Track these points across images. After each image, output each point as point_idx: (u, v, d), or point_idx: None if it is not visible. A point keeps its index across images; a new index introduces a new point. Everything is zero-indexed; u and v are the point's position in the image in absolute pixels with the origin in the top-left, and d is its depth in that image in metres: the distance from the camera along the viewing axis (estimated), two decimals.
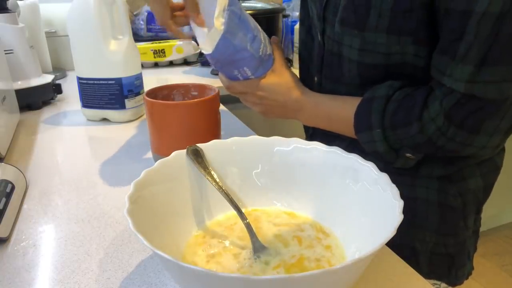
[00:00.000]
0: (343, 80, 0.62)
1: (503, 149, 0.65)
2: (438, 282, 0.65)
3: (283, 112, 0.67)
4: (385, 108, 0.54)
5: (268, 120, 1.35)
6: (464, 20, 0.46)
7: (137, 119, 0.93)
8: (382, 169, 0.43)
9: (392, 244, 0.58)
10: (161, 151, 0.64)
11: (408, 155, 0.56)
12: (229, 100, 1.24)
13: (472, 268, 0.70)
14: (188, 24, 0.62)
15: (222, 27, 0.56)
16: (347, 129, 0.59)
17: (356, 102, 0.58)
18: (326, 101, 0.63)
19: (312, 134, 0.77)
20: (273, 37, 0.67)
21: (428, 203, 0.60)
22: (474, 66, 0.47)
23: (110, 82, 0.87)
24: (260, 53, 0.61)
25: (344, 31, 0.57)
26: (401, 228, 0.61)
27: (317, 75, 0.68)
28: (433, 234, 0.62)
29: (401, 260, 0.47)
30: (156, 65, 1.44)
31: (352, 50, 0.57)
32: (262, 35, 0.63)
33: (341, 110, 0.61)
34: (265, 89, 0.64)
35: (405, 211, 0.61)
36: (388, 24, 0.52)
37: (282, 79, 0.65)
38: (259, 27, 0.63)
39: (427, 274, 0.63)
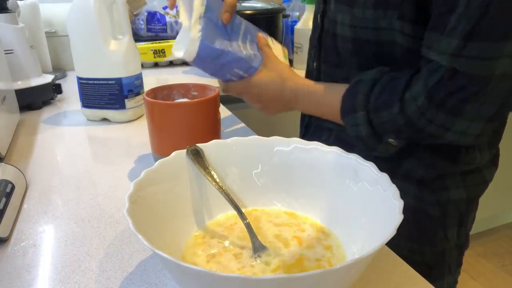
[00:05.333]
0: (340, 63, 0.63)
1: (494, 164, 0.64)
2: None
3: (282, 105, 0.66)
4: (370, 90, 0.54)
5: (268, 120, 1.36)
6: None
7: (137, 119, 0.93)
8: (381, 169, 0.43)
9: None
10: (161, 151, 0.64)
11: (390, 140, 0.55)
12: (229, 100, 1.24)
13: (456, 283, 0.69)
14: None
15: (199, 34, 0.58)
16: (336, 114, 0.59)
17: (345, 88, 0.58)
18: (318, 88, 0.62)
19: (307, 125, 0.78)
20: (258, 34, 0.67)
21: (404, 208, 0.60)
22: (461, 39, 0.46)
23: (110, 82, 0.87)
24: (245, 52, 0.62)
25: (337, 8, 0.58)
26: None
27: (316, 61, 0.69)
28: (407, 241, 0.61)
29: (401, 260, 0.47)
30: (156, 65, 1.44)
31: (344, 27, 0.58)
32: (245, 34, 0.64)
33: (331, 95, 0.60)
34: (260, 86, 0.64)
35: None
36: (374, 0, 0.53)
37: (275, 72, 0.64)
38: (243, 26, 0.65)
39: None
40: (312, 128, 0.76)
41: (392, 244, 0.60)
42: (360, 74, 0.57)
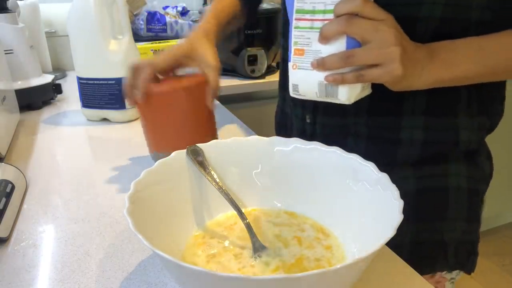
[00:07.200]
0: None
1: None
2: (454, 273, 0.64)
3: (417, 57, 0.47)
4: None
5: (268, 120, 1.35)
6: None
7: (137, 119, 0.93)
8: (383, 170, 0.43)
9: (420, 241, 0.58)
10: (156, 147, 0.62)
11: None
12: (229, 100, 1.25)
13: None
14: None
15: None
16: None
17: None
18: (464, 39, 0.50)
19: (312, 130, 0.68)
20: None
21: (459, 191, 0.60)
22: None
23: (110, 82, 0.87)
24: None
25: None
26: (431, 225, 0.60)
27: None
28: (463, 223, 0.62)
29: (401, 260, 0.47)
30: None
31: (435, 6, 0.50)
32: None
33: (502, 36, 0.49)
34: (396, 24, 0.45)
35: (436, 205, 0.58)
36: None
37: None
38: None
39: (453, 265, 0.63)
40: (325, 132, 0.64)
41: (449, 229, 0.61)
42: None
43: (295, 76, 0.49)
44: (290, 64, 0.49)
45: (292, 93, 0.50)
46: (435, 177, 0.59)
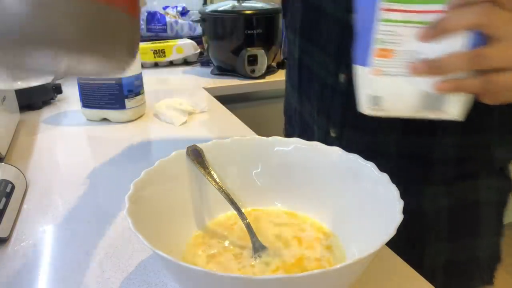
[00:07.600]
0: None
1: None
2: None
3: None
4: None
5: (268, 120, 1.35)
6: None
7: (137, 119, 0.93)
8: (381, 169, 0.43)
9: (455, 260, 0.57)
10: None
11: None
12: (229, 100, 1.25)
13: None
14: None
15: None
16: None
17: None
18: None
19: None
20: None
21: (490, 204, 0.59)
22: None
23: (110, 82, 0.87)
24: None
25: None
26: (465, 242, 0.59)
27: (344, 71, 0.54)
28: (495, 237, 0.60)
29: (401, 260, 0.47)
30: (156, 65, 1.44)
31: None
32: None
33: None
34: None
35: (469, 220, 0.57)
36: None
37: None
38: None
39: (488, 281, 0.62)
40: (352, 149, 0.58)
41: (483, 246, 0.59)
42: None
43: (378, 85, 0.37)
44: (365, 70, 0.37)
45: (367, 110, 0.38)
46: (466, 192, 0.57)
